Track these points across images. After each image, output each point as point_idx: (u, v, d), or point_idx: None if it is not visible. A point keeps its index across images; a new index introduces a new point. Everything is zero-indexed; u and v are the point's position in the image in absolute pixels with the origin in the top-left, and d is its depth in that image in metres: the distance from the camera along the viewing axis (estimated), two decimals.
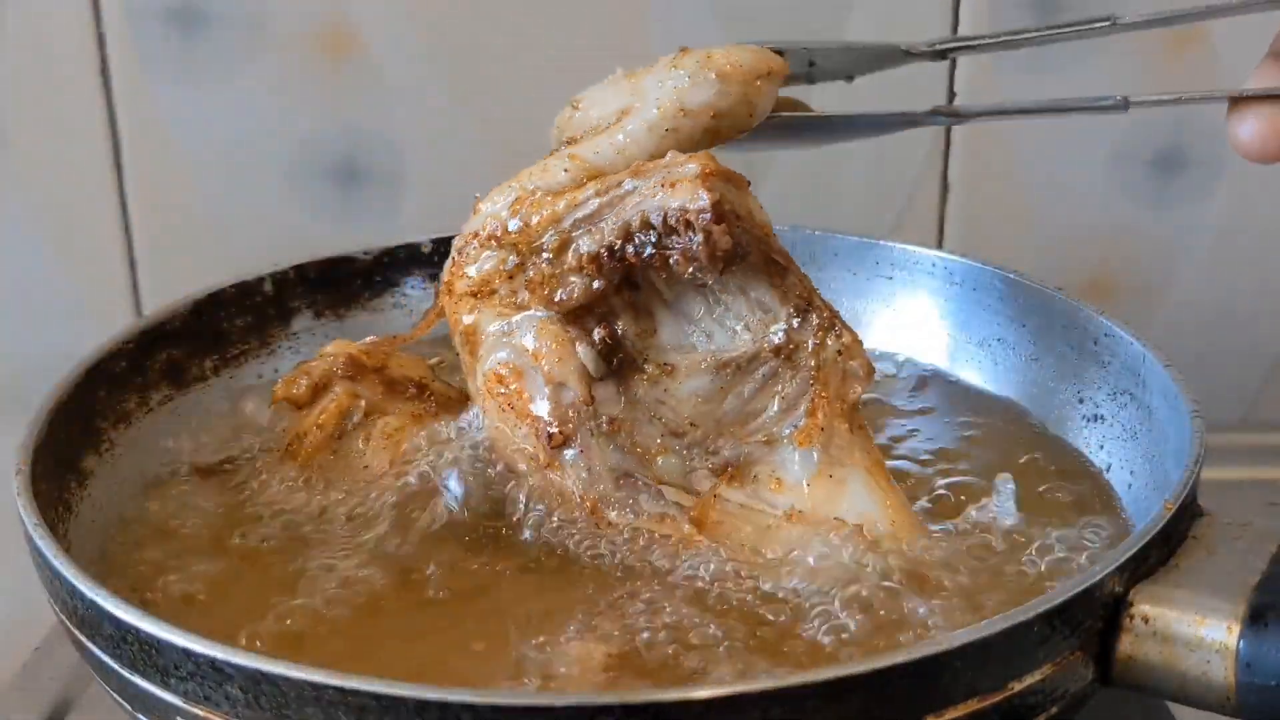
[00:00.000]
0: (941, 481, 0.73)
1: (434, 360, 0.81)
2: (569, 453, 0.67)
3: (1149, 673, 0.57)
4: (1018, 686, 0.54)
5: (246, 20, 1.02)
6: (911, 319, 0.87)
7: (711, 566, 0.64)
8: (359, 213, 1.07)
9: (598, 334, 0.68)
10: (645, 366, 0.69)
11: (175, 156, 1.06)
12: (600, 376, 0.68)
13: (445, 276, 0.74)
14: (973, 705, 0.52)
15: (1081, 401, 0.78)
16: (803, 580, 0.63)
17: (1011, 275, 0.83)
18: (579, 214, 0.69)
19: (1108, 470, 0.74)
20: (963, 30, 1.05)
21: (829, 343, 0.66)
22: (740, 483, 0.67)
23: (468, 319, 0.72)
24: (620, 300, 0.69)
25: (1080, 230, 1.10)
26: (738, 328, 0.68)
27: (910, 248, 0.87)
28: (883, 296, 0.88)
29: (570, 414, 0.68)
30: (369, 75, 1.04)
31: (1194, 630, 0.56)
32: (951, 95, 1.06)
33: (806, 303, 0.67)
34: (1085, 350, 0.78)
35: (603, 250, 0.67)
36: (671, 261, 0.66)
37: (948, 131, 1.07)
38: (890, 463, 0.73)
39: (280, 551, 0.68)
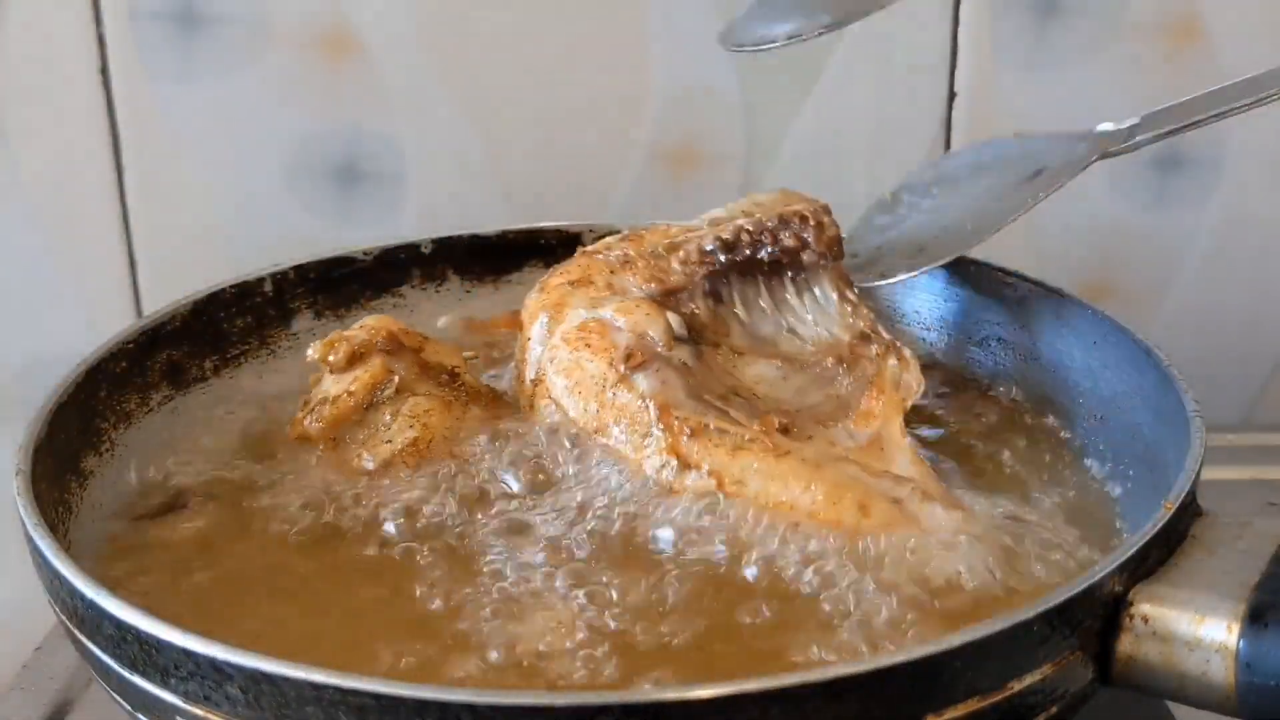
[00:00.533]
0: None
1: (467, 354, 0.82)
2: (642, 374, 0.69)
3: (1149, 672, 0.57)
4: (1018, 686, 0.54)
5: (246, 20, 1.02)
6: (911, 319, 0.87)
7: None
8: (359, 213, 1.07)
9: (679, 312, 0.73)
10: (717, 346, 0.74)
11: (175, 156, 1.06)
12: (680, 338, 0.72)
13: (543, 279, 0.78)
14: (973, 705, 0.53)
15: (1081, 401, 0.78)
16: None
17: (1011, 275, 0.83)
18: (692, 234, 0.77)
19: (1108, 470, 0.74)
20: (963, 29, 1.05)
21: (890, 360, 0.73)
22: (798, 438, 0.69)
23: (551, 303, 0.75)
24: (705, 303, 0.75)
25: (1080, 230, 1.10)
26: (804, 341, 0.75)
27: None
28: (883, 296, 0.88)
29: (650, 346, 0.70)
30: (369, 75, 1.04)
31: (1194, 630, 0.56)
32: (951, 95, 1.07)
33: (871, 330, 0.75)
34: (1085, 350, 0.78)
35: (716, 243, 0.75)
36: (781, 247, 0.75)
37: (947, 132, 1.07)
38: None
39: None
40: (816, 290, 0.77)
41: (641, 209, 1.07)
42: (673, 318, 0.72)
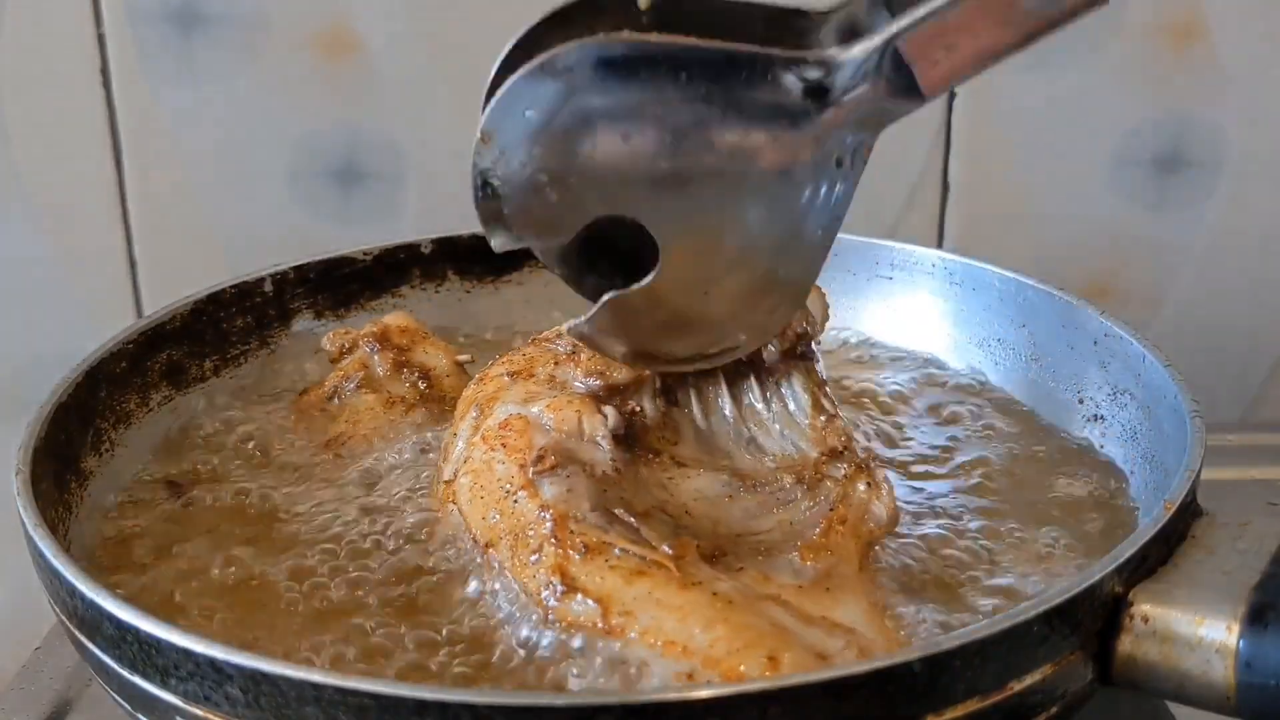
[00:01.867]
0: (942, 484, 0.72)
1: (463, 358, 0.82)
2: (549, 480, 0.62)
3: (1149, 672, 0.57)
4: (1018, 686, 0.54)
5: (246, 20, 1.02)
6: (911, 319, 0.87)
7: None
8: (359, 213, 1.07)
9: (621, 411, 0.66)
10: (658, 454, 0.66)
11: (175, 157, 1.06)
12: (617, 437, 0.64)
13: (485, 368, 0.71)
14: (973, 705, 0.52)
15: (1081, 402, 0.78)
16: None
17: (1011, 275, 0.83)
18: None
19: (1107, 470, 0.74)
20: None
21: (859, 484, 0.64)
22: (724, 569, 0.60)
23: (485, 396, 0.68)
24: (653, 404, 0.67)
25: (1080, 231, 1.10)
26: (765, 454, 0.67)
27: (910, 248, 0.87)
28: (883, 296, 0.88)
29: (568, 448, 0.63)
30: (369, 75, 1.04)
31: (1194, 630, 0.56)
32: (951, 95, 1.07)
33: (843, 447, 0.66)
34: (1085, 350, 0.78)
35: None
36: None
37: (947, 131, 1.07)
38: (888, 458, 0.73)
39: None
40: (786, 393, 0.68)
41: None
42: (611, 417, 0.64)
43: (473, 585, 0.62)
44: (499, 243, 0.60)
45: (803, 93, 0.55)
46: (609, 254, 0.62)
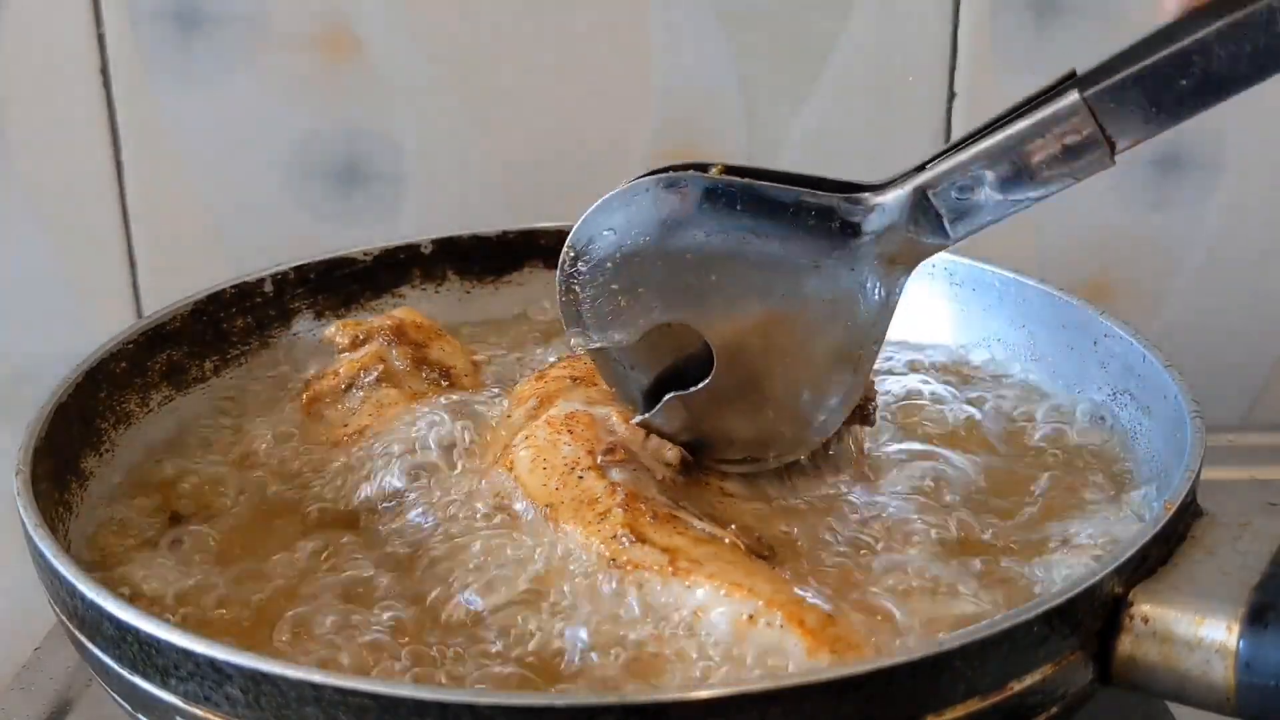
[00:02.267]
0: (942, 480, 0.72)
1: (479, 357, 0.82)
2: (618, 469, 0.65)
3: (1149, 673, 0.57)
4: (1018, 686, 0.54)
5: (246, 20, 1.02)
6: (911, 319, 0.87)
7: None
8: (359, 213, 1.07)
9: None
10: (707, 484, 0.69)
11: (175, 156, 1.06)
12: (675, 460, 0.67)
13: (544, 367, 0.74)
14: (973, 705, 0.53)
15: (1081, 401, 0.78)
16: None
17: (1011, 275, 0.83)
18: None
19: (1107, 470, 0.74)
20: (963, 29, 1.05)
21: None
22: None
23: (546, 391, 0.71)
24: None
25: (1080, 231, 1.10)
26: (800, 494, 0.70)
27: None
28: None
29: (634, 450, 0.66)
30: (369, 75, 1.04)
31: (1194, 630, 0.56)
32: (951, 95, 1.07)
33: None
34: (1085, 350, 0.78)
35: None
36: None
37: (948, 132, 1.07)
38: (889, 459, 0.73)
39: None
40: (834, 446, 0.72)
41: None
42: (672, 447, 0.68)
43: (528, 539, 0.64)
44: (576, 343, 0.67)
45: (841, 228, 0.64)
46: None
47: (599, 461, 0.65)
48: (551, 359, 0.81)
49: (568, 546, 0.62)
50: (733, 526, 0.64)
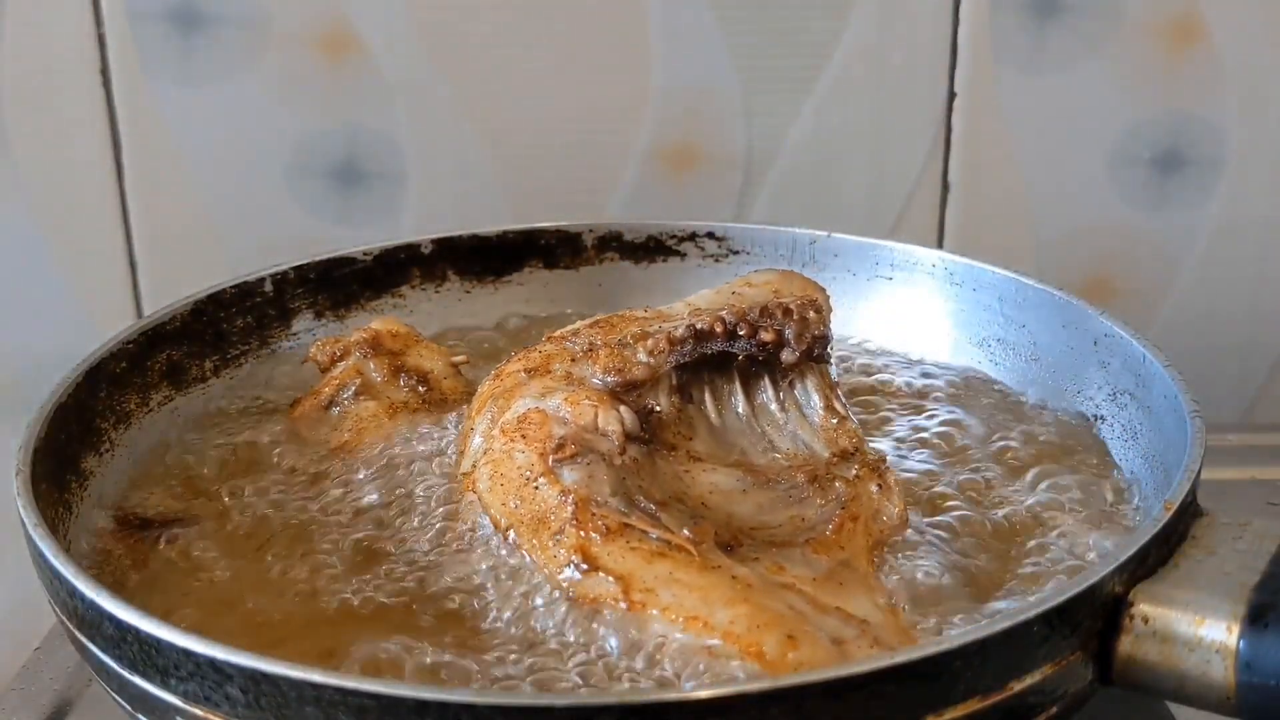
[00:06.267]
0: (943, 484, 0.72)
1: (458, 358, 0.82)
2: (569, 467, 0.63)
3: (1149, 673, 0.57)
4: (1018, 686, 0.54)
5: (246, 20, 1.02)
6: (911, 319, 0.87)
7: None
8: (359, 213, 1.07)
9: (637, 408, 0.68)
10: (674, 449, 0.68)
11: (175, 156, 1.06)
12: (631, 435, 0.66)
13: (497, 369, 0.73)
14: (973, 705, 0.52)
15: (1081, 402, 0.78)
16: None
17: (1011, 275, 0.83)
18: (666, 322, 0.71)
19: (1108, 470, 0.74)
20: (963, 29, 1.05)
21: (871, 485, 0.66)
22: (739, 559, 0.61)
23: (502, 391, 0.69)
24: (669, 401, 0.69)
25: (1080, 230, 1.10)
26: (777, 452, 0.69)
27: (910, 248, 0.87)
28: (883, 296, 0.88)
29: (586, 439, 0.65)
30: (369, 75, 1.04)
31: (1194, 630, 0.56)
32: (951, 95, 1.07)
33: (855, 447, 0.69)
34: (1085, 350, 0.78)
35: (687, 333, 0.69)
36: (757, 342, 0.68)
37: (947, 131, 1.07)
38: (891, 458, 0.73)
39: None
40: (799, 394, 0.71)
41: (641, 210, 1.07)
42: (626, 413, 0.66)
43: (485, 566, 0.63)
44: None
45: None
46: None
47: (550, 465, 0.63)
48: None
49: (532, 581, 0.61)
50: (694, 518, 0.62)
